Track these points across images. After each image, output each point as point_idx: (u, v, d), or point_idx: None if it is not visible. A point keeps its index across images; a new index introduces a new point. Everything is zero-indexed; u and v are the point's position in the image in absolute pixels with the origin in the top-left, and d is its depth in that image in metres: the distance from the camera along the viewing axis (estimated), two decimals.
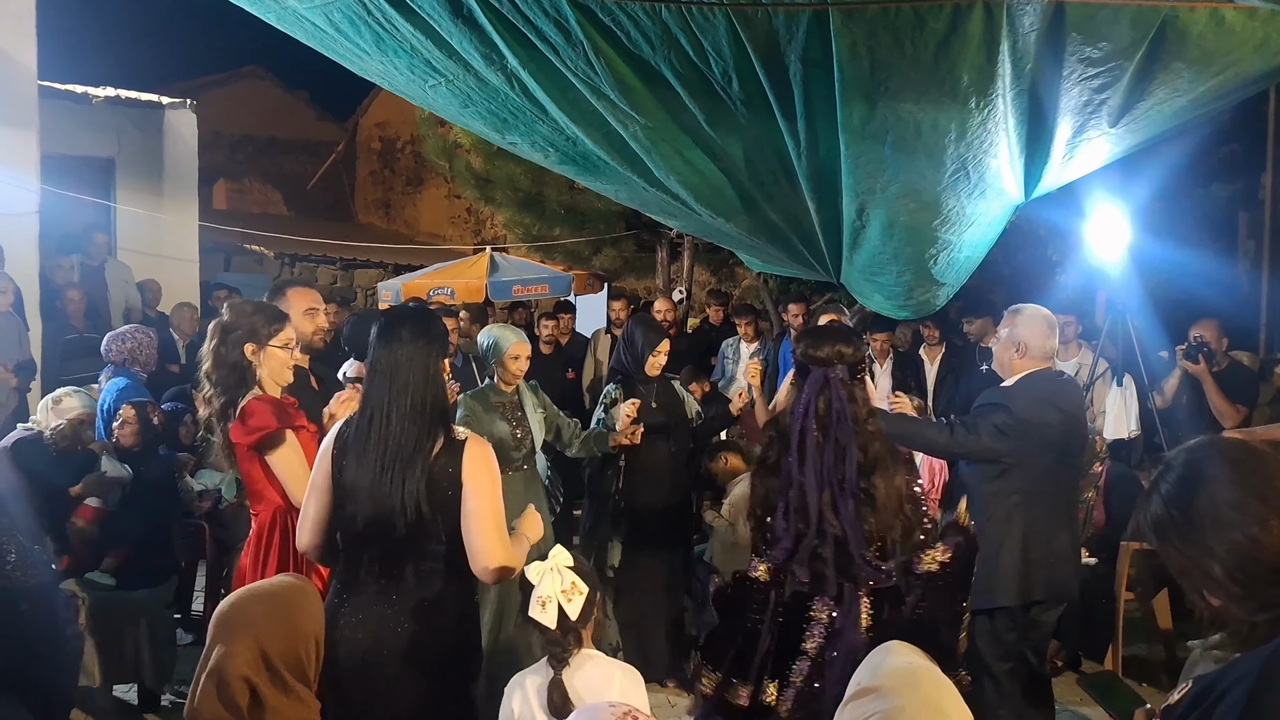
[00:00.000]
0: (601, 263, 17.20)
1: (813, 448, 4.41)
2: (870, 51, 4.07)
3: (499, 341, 6.92)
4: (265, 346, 5.03)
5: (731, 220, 6.14)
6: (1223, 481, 2.35)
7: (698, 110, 4.75)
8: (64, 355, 11.40)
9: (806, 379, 4.53)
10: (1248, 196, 14.58)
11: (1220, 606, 2.37)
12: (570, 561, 4.00)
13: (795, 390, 4.64)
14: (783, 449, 4.49)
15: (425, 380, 4.13)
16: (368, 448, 4.11)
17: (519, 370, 6.94)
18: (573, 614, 3.92)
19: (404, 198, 32.24)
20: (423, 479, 4.03)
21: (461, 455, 4.09)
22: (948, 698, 2.73)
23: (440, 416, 4.15)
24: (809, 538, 4.37)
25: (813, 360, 4.51)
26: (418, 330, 4.18)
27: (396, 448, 4.06)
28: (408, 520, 4.02)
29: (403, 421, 4.08)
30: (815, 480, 4.38)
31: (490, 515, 4.10)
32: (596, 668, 4.01)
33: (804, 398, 4.48)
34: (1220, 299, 11.42)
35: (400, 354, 4.13)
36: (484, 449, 4.18)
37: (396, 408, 4.09)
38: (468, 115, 5.61)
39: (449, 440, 4.11)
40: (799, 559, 4.37)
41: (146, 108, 16.06)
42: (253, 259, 21.47)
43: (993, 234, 5.88)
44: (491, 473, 4.17)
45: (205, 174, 18.09)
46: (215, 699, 2.91)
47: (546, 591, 3.90)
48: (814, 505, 4.37)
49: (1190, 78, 4.22)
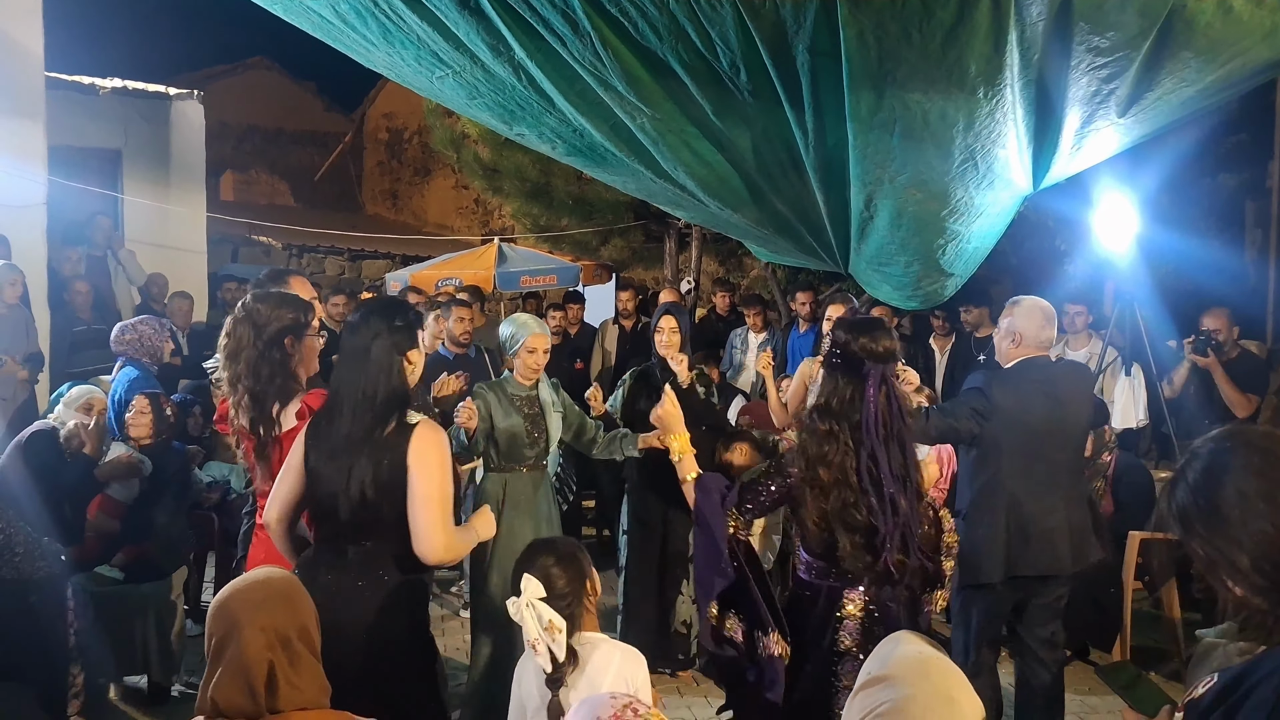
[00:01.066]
0: (609, 253, 17.18)
1: (881, 443, 4.41)
2: (878, 42, 4.06)
3: (516, 333, 6.65)
4: (305, 337, 5.00)
5: (739, 211, 6.13)
6: (1251, 471, 2.33)
7: (705, 101, 4.74)
8: (72, 347, 11.41)
9: (863, 375, 4.47)
10: (1255, 186, 14.52)
11: (1244, 598, 2.34)
12: (541, 592, 3.93)
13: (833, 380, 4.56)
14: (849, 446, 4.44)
15: (379, 370, 4.21)
16: (328, 433, 4.23)
17: (536, 364, 6.63)
18: (560, 654, 3.88)
19: (411, 188, 32.22)
20: (369, 463, 4.11)
21: (409, 439, 4.15)
22: (958, 687, 2.73)
23: (394, 405, 4.22)
24: (897, 535, 4.39)
25: (872, 355, 4.45)
26: (380, 321, 4.28)
27: (348, 433, 4.17)
28: (352, 503, 4.12)
29: (355, 409, 4.18)
30: (890, 477, 4.40)
31: (435, 500, 4.17)
32: (597, 650, 4.03)
33: (870, 394, 4.43)
34: (1228, 288, 11.39)
35: (360, 343, 4.24)
36: (434, 434, 4.24)
37: (351, 395, 4.20)
38: (475, 107, 5.60)
39: (400, 424, 4.18)
40: (889, 547, 4.37)
41: (154, 99, 16.04)
42: (260, 250, 21.47)
43: (1001, 224, 5.88)
44: (439, 457, 4.22)
45: (212, 165, 18.09)
46: (235, 687, 2.91)
47: (532, 634, 3.88)
48: (893, 503, 4.39)
49: (1198, 67, 4.21)
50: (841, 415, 4.47)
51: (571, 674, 3.93)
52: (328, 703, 3.09)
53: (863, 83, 4.34)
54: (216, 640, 2.99)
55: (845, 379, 4.50)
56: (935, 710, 2.62)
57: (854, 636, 4.43)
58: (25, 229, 11.73)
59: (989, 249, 6.21)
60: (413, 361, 4.37)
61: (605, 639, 4.12)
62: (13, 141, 11.87)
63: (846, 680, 4.36)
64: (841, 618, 4.47)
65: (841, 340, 4.53)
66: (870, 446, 4.40)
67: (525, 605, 3.91)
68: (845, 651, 4.43)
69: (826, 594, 4.52)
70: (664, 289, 14.32)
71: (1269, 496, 2.29)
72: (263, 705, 2.94)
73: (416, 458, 4.15)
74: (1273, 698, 2.15)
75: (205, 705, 2.96)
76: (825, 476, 4.43)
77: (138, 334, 8.33)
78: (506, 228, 23.31)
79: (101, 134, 15.37)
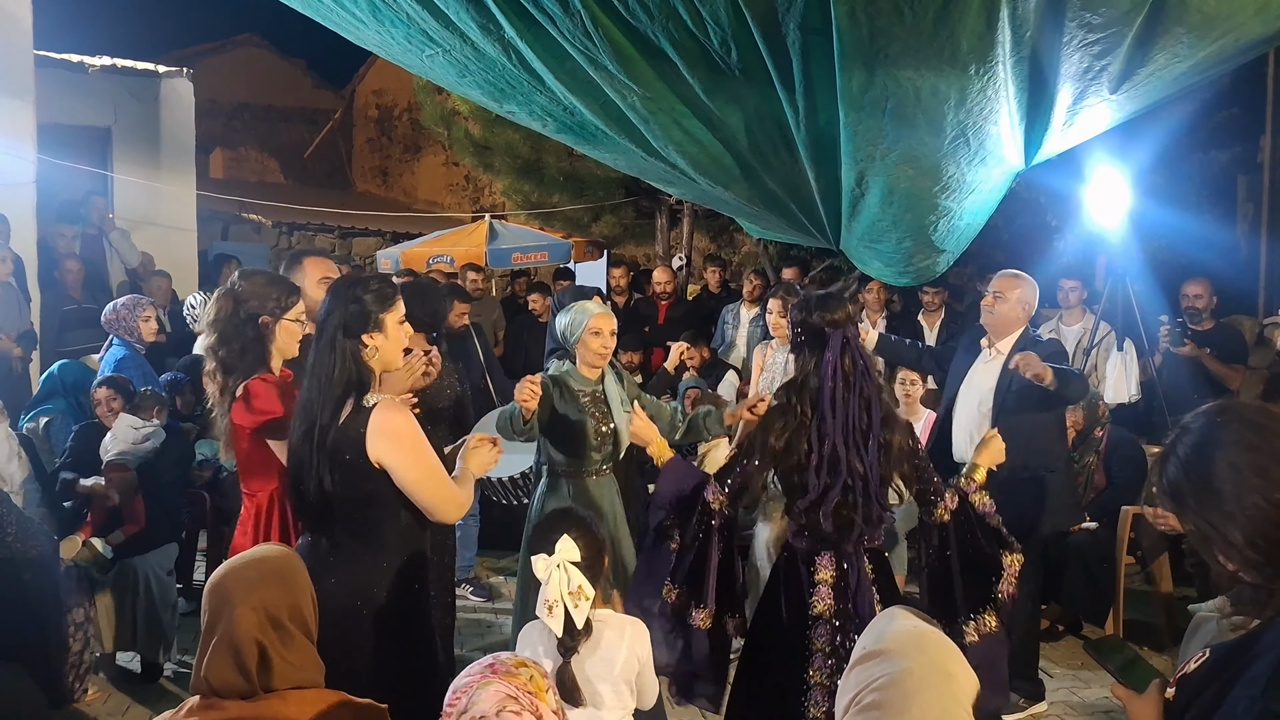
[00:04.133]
0: (601, 230, 17.16)
1: (840, 404, 4.55)
2: (869, 19, 4.05)
3: (578, 315, 5.92)
4: (280, 319, 5.01)
5: (730, 188, 6.12)
6: (1242, 446, 2.33)
7: (696, 80, 4.73)
8: (62, 326, 11.38)
9: (823, 343, 4.62)
10: (1246, 160, 14.52)
11: (1236, 571, 2.34)
12: (576, 555, 3.95)
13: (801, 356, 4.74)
14: (807, 406, 4.60)
15: (332, 350, 4.13)
16: (300, 419, 4.18)
17: (602, 349, 5.87)
18: (579, 620, 3.90)
19: (401, 165, 32.13)
20: (329, 451, 4.05)
21: (367, 421, 4.06)
22: (954, 660, 2.73)
23: (349, 387, 4.13)
24: (835, 489, 4.53)
25: (830, 324, 4.61)
26: (334, 301, 4.20)
27: (312, 416, 4.11)
28: (313, 488, 4.07)
29: (322, 389, 4.11)
30: (843, 435, 4.54)
31: (424, 482, 4.14)
32: (608, 626, 4.05)
33: (829, 358, 4.57)
34: (1220, 262, 11.41)
35: (327, 321, 4.17)
36: (393, 413, 4.11)
37: (318, 375, 4.13)
38: (465, 85, 5.59)
39: (357, 407, 4.09)
40: (825, 510, 4.53)
41: (143, 76, 16.00)
42: (250, 228, 21.43)
43: (993, 201, 5.88)
44: (408, 437, 4.12)
45: (202, 143, 18.04)
46: (226, 665, 2.92)
47: (553, 595, 3.88)
48: (844, 458, 4.53)
49: (1190, 43, 4.20)
50: (802, 386, 4.66)
51: (584, 644, 3.95)
52: (322, 681, 3.09)
53: (854, 60, 4.34)
54: (209, 618, 3.00)
55: (809, 353, 4.68)
56: (931, 684, 2.62)
57: (825, 601, 4.58)
58: (15, 207, 11.68)
59: (981, 225, 6.22)
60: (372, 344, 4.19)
61: (614, 614, 4.16)
62: (2, 120, 11.86)
63: (819, 644, 4.54)
64: (815, 583, 4.62)
65: (798, 319, 4.72)
66: (823, 407, 4.55)
67: (556, 565, 3.91)
68: (819, 616, 4.58)
69: (804, 558, 4.69)
70: (656, 267, 14.33)
71: (1261, 470, 2.28)
72: (255, 684, 2.94)
73: (383, 444, 4.06)
74: (1268, 672, 2.16)
75: (200, 684, 2.97)
76: (774, 444, 4.64)
77: (117, 314, 8.35)
78: (497, 204, 23.26)
79: (91, 112, 15.34)
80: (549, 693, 2.83)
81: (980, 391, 6.68)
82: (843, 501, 4.54)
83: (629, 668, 4.04)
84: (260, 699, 2.95)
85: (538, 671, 2.88)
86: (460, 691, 2.80)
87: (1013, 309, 6.52)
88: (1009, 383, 6.52)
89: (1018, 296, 6.52)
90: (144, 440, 7.22)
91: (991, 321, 6.64)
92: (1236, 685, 2.21)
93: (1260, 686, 2.15)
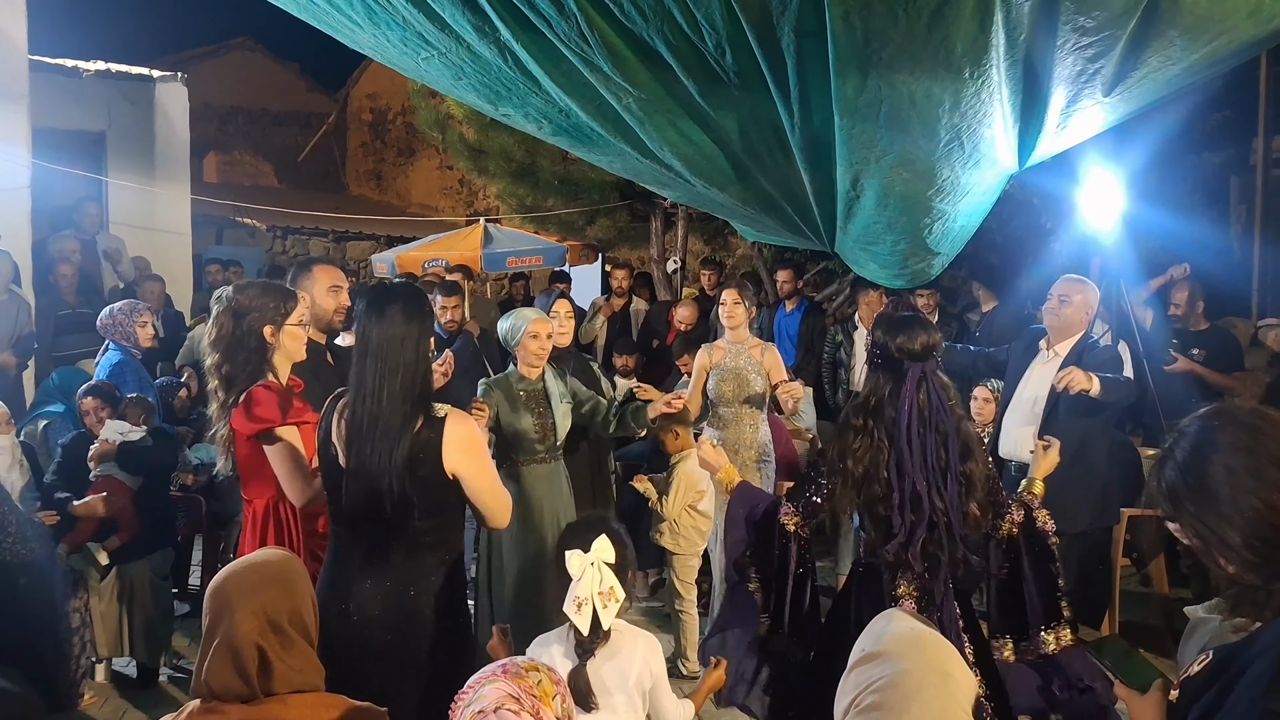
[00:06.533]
0: (595, 233, 17.16)
1: (918, 440, 4.55)
2: (864, 22, 4.05)
3: (515, 323, 6.63)
4: (284, 327, 5.02)
5: (725, 190, 6.13)
6: (1238, 448, 2.35)
7: (691, 82, 4.73)
8: (56, 331, 11.34)
9: (899, 372, 4.63)
10: (1239, 162, 14.56)
11: (1235, 573, 2.36)
12: (612, 556, 3.98)
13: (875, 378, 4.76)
14: (884, 436, 4.60)
15: (415, 360, 4.14)
16: (356, 427, 4.13)
17: (539, 350, 6.59)
18: (606, 622, 3.93)
19: (395, 169, 32.15)
20: (406, 458, 4.04)
21: (442, 432, 4.10)
22: (952, 661, 2.73)
23: (426, 396, 4.17)
24: (921, 528, 4.54)
25: (909, 355, 4.62)
26: (410, 310, 4.18)
27: (385, 428, 4.07)
28: (393, 499, 4.05)
29: (392, 401, 4.08)
30: (923, 473, 4.54)
31: (491, 489, 4.25)
32: (624, 636, 4.08)
33: (906, 392, 4.58)
34: (1213, 264, 11.42)
35: (393, 333, 4.12)
36: (465, 425, 4.19)
37: (387, 387, 4.08)
38: (461, 88, 5.59)
39: (429, 418, 4.12)
40: (913, 551, 4.55)
41: (137, 81, 16.03)
42: (245, 232, 21.44)
43: (987, 203, 5.90)
44: (478, 447, 4.24)
45: (196, 146, 18.04)
46: (226, 669, 2.93)
47: (584, 592, 3.90)
48: (925, 496, 4.53)
49: (1184, 45, 4.21)
50: (878, 412, 4.64)
51: (601, 648, 3.97)
52: (322, 685, 3.11)
53: (849, 63, 4.34)
54: (210, 622, 3.02)
55: (885, 377, 4.68)
56: (930, 684, 2.62)
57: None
58: (9, 212, 11.72)
59: (975, 227, 6.24)
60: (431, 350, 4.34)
61: (629, 626, 4.17)
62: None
63: None
64: (897, 597, 4.62)
65: (880, 341, 4.71)
66: (900, 443, 4.54)
67: (591, 563, 3.93)
68: None
69: (886, 572, 4.70)
70: (681, 302, 14.31)
71: (1257, 472, 2.30)
72: (255, 687, 2.96)
73: (460, 455, 4.13)
74: (1268, 673, 2.17)
75: (200, 687, 2.98)
76: (853, 469, 4.63)
77: (113, 318, 8.37)
78: (491, 208, 23.29)
79: (85, 117, 15.37)
80: (556, 699, 2.84)
81: (1036, 392, 6.83)
82: (929, 539, 4.56)
83: (642, 679, 4.05)
84: (260, 703, 2.97)
85: (548, 677, 2.89)
86: (470, 687, 2.82)
87: (1076, 312, 6.83)
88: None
89: (1081, 300, 6.83)
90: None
91: (1055, 324, 6.90)
92: (1237, 686, 2.22)
93: (1261, 687, 2.16)
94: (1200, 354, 9.06)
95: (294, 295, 5.20)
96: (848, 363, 11.00)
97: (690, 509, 7.42)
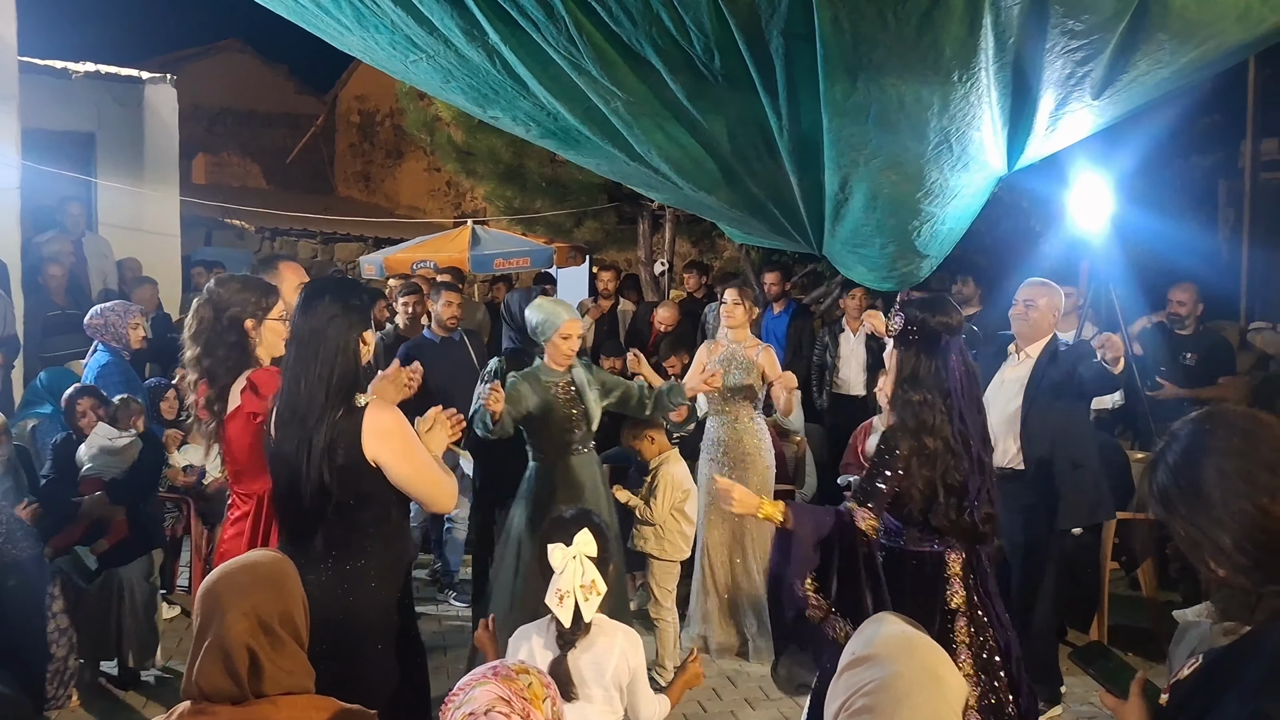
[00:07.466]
0: (583, 235, 17.14)
1: (969, 405, 4.82)
2: (853, 25, 4.05)
3: (549, 319, 6.62)
4: (265, 320, 5.04)
5: (713, 193, 6.13)
6: (1230, 451, 2.34)
7: (679, 86, 4.74)
8: (45, 332, 11.33)
9: (939, 346, 4.83)
10: (1228, 166, 14.61)
11: (1226, 577, 2.36)
12: (594, 550, 4.01)
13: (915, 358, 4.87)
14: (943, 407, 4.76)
15: (335, 351, 4.18)
16: (284, 418, 4.22)
17: (570, 350, 6.62)
18: (588, 615, 3.97)
19: (383, 170, 32.13)
20: (324, 446, 4.09)
21: (360, 421, 4.14)
22: (943, 664, 2.74)
23: (347, 387, 4.20)
24: (984, 489, 4.77)
25: (948, 329, 4.83)
26: (334, 301, 4.24)
27: (303, 416, 4.14)
28: (310, 487, 4.11)
29: (310, 390, 4.15)
30: (978, 436, 4.82)
31: (417, 476, 4.26)
32: (603, 630, 4.10)
33: (954, 362, 4.81)
34: (1202, 267, 11.45)
35: (314, 324, 4.20)
36: (385, 413, 4.22)
37: (306, 377, 4.16)
38: (449, 90, 5.59)
39: (349, 407, 4.16)
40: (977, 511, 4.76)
41: (126, 82, 16.01)
42: (233, 233, 21.43)
43: (976, 206, 5.90)
44: (400, 433, 4.23)
45: (185, 148, 18.01)
46: (216, 670, 2.93)
47: (566, 585, 3.94)
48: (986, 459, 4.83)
49: (1172, 49, 4.22)
50: (932, 385, 4.79)
51: (581, 640, 4.00)
52: (312, 687, 3.11)
53: (837, 66, 4.34)
54: (201, 623, 3.02)
55: (924, 354, 4.84)
56: (921, 687, 2.63)
57: (961, 595, 4.78)
58: None
59: (964, 230, 6.23)
60: (367, 342, 4.33)
61: (608, 620, 4.19)
62: None
63: (960, 635, 4.74)
64: (948, 577, 4.79)
65: (918, 318, 4.87)
66: (959, 410, 4.76)
67: (574, 557, 3.96)
68: (957, 609, 4.77)
69: (931, 559, 4.84)
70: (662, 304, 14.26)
71: (1249, 476, 2.30)
72: (246, 689, 2.96)
73: (379, 443, 4.16)
74: (1260, 677, 2.17)
75: (190, 688, 2.98)
76: (931, 445, 4.74)
77: (104, 319, 8.35)
78: (479, 210, 23.26)
79: (75, 118, 15.35)
80: (546, 702, 2.84)
81: (1010, 392, 6.92)
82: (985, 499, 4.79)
83: (620, 673, 4.08)
84: (251, 704, 2.97)
85: (538, 680, 2.90)
86: (460, 689, 2.83)
87: (1044, 315, 6.98)
88: (1040, 378, 6.85)
89: (1047, 303, 6.98)
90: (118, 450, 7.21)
91: (1024, 329, 6.99)
92: (1229, 690, 2.22)
93: (1253, 691, 2.16)
94: (1191, 358, 9.07)
95: (275, 290, 5.23)
96: (834, 365, 11.01)
97: (676, 511, 7.39)
